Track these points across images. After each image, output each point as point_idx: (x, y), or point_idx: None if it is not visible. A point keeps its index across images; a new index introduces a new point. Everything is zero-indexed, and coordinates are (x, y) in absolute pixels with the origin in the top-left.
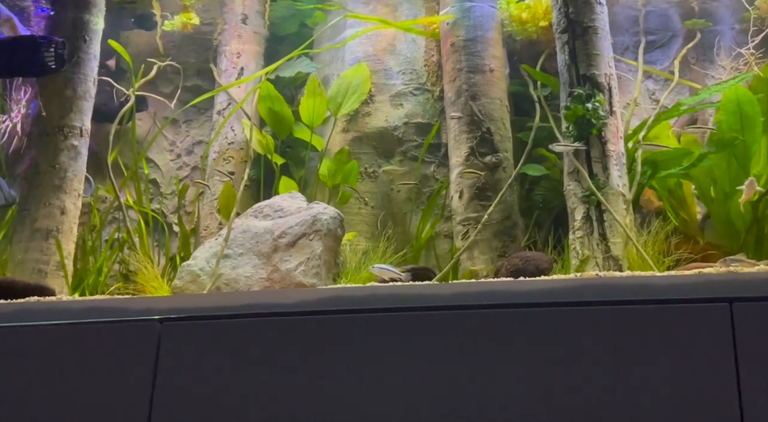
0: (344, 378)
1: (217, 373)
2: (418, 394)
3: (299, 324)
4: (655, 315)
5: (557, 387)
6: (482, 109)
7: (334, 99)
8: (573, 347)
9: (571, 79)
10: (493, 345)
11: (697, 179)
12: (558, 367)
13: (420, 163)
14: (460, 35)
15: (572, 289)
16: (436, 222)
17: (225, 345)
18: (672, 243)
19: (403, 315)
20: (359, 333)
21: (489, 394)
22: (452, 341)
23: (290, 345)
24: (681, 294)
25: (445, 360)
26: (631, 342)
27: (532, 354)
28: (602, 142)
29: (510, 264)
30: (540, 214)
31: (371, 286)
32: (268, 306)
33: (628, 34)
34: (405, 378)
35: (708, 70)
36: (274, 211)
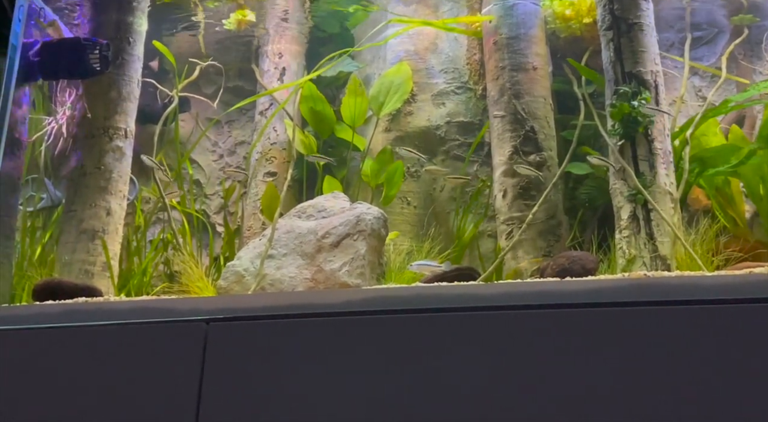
0: (390, 378)
1: (263, 374)
2: (463, 393)
3: (344, 325)
4: (706, 316)
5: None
6: (525, 107)
7: (376, 98)
8: (622, 348)
9: (616, 76)
10: (539, 345)
11: (745, 176)
12: (607, 369)
13: (467, 162)
14: (502, 33)
15: (620, 289)
16: (479, 222)
17: (271, 346)
18: (721, 242)
19: (448, 315)
20: (404, 334)
21: (532, 395)
22: (497, 342)
23: (336, 346)
24: (732, 294)
25: (489, 360)
26: (681, 343)
27: (580, 355)
28: (649, 140)
29: (556, 263)
30: (585, 213)
31: (416, 286)
32: (313, 306)
33: (673, 30)
34: (451, 379)
35: (756, 66)
36: (317, 211)
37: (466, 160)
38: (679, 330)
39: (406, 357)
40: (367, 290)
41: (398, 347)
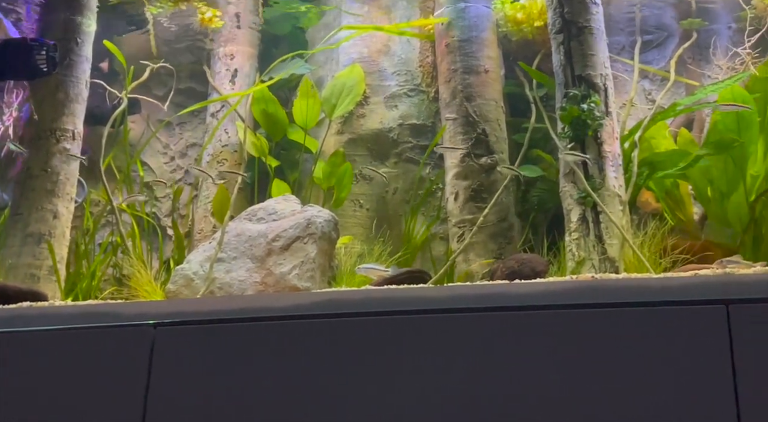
0: (339, 381)
1: (210, 378)
2: (413, 396)
3: (294, 328)
4: (651, 317)
5: (552, 389)
6: (477, 110)
7: (329, 100)
8: (568, 349)
9: (566, 79)
10: (488, 347)
11: (693, 179)
12: (554, 369)
13: (422, 166)
14: (454, 36)
15: (567, 292)
16: (431, 225)
17: (219, 350)
18: (671, 243)
19: (398, 318)
20: (354, 337)
21: (483, 396)
22: (447, 344)
23: (284, 349)
24: (677, 296)
25: (440, 362)
26: (627, 344)
27: (527, 356)
28: (598, 143)
29: (506, 266)
30: (537, 216)
31: (366, 289)
32: (262, 310)
33: (624, 33)
34: (400, 380)
35: (704, 69)
36: (268, 214)
37: (421, 164)
38: (626, 332)
39: (356, 359)
40: (316, 293)
41: (348, 350)
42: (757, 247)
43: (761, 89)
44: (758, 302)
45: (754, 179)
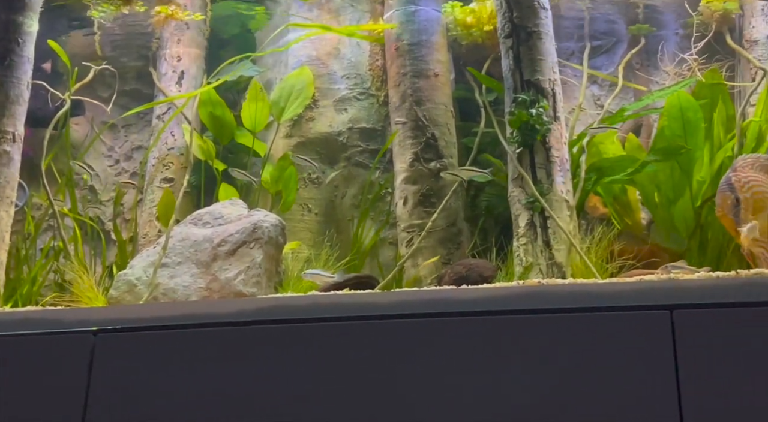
0: (284, 388)
1: (152, 386)
2: (360, 403)
3: (238, 335)
4: (597, 323)
5: (497, 394)
6: (427, 114)
7: (277, 103)
8: (515, 355)
9: (515, 84)
10: (434, 353)
11: (641, 185)
12: (500, 375)
13: (373, 169)
14: (404, 39)
15: (514, 297)
16: (380, 229)
17: (161, 358)
18: (619, 248)
19: (345, 324)
20: (300, 343)
21: (429, 402)
22: (394, 350)
23: (229, 356)
24: (622, 301)
25: (387, 368)
26: (572, 349)
27: (474, 362)
28: (546, 148)
29: (453, 271)
30: (486, 221)
31: (312, 295)
32: (206, 316)
33: (573, 39)
34: (346, 387)
35: (652, 75)
36: (214, 218)
37: (372, 168)
38: (571, 337)
39: (302, 366)
40: (261, 299)
41: (294, 357)
42: (703, 252)
43: (707, 95)
44: (701, 307)
45: (700, 184)
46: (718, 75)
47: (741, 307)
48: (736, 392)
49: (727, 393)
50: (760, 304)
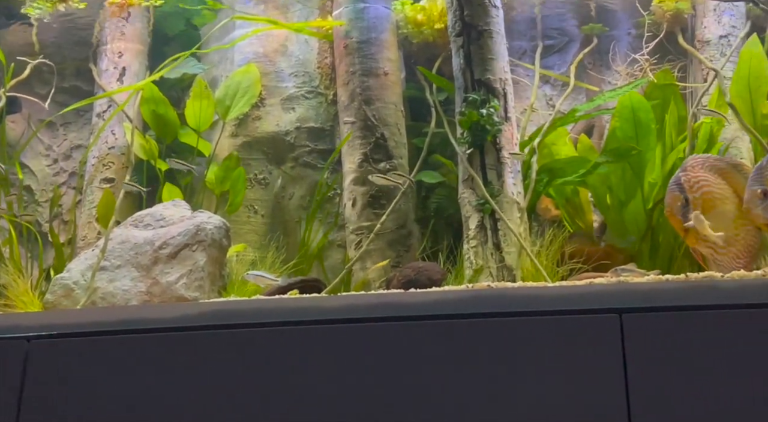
0: (228, 395)
1: (89, 395)
2: (306, 409)
3: (180, 340)
4: (546, 326)
5: (447, 398)
6: (376, 113)
7: (222, 102)
8: (464, 359)
9: (466, 83)
10: (383, 358)
11: (593, 187)
12: (449, 379)
13: (325, 170)
14: (353, 37)
15: (463, 301)
16: (328, 232)
17: (99, 365)
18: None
19: (291, 329)
20: (244, 349)
21: (378, 407)
22: (341, 355)
23: (170, 363)
24: (571, 305)
25: (334, 374)
26: (521, 353)
27: (422, 367)
28: (497, 149)
29: (402, 275)
30: (437, 223)
31: (257, 299)
32: (147, 321)
33: (525, 38)
34: (292, 393)
35: (605, 75)
36: (155, 220)
37: (324, 169)
38: (521, 341)
39: (246, 373)
40: (204, 304)
41: (238, 363)
42: (655, 255)
43: (659, 96)
44: (650, 311)
45: (652, 186)
46: (669, 75)
47: (690, 311)
48: (684, 395)
49: (676, 396)
50: (709, 308)
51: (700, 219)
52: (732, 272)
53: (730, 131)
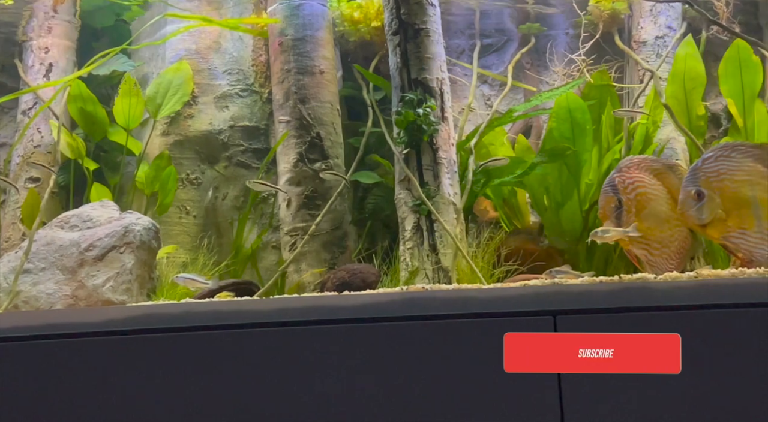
0: (156, 401)
1: (10, 402)
2: (239, 414)
3: (106, 346)
4: (481, 328)
5: (381, 400)
6: (312, 112)
7: (153, 99)
8: (398, 361)
9: (402, 83)
10: (315, 362)
11: (530, 187)
12: (382, 382)
13: (262, 170)
14: (288, 34)
15: (397, 303)
16: (263, 233)
17: (21, 371)
18: (514, 246)
19: (221, 333)
20: (173, 354)
21: (311, 411)
22: (273, 359)
23: (96, 369)
24: (506, 307)
25: (266, 378)
26: (456, 355)
27: (355, 370)
28: (433, 149)
29: (336, 277)
30: (373, 224)
31: (186, 303)
32: (72, 326)
33: (464, 36)
34: (223, 398)
35: (543, 75)
36: (82, 221)
37: (261, 169)
38: (456, 343)
39: (175, 378)
40: (131, 307)
41: (166, 368)
42: (591, 256)
43: (596, 96)
44: (584, 313)
45: (589, 187)
46: (606, 76)
47: (622, 313)
48: (616, 394)
49: (608, 396)
50: (641, 309)
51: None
52: (665, 273)
53: (665, 132)
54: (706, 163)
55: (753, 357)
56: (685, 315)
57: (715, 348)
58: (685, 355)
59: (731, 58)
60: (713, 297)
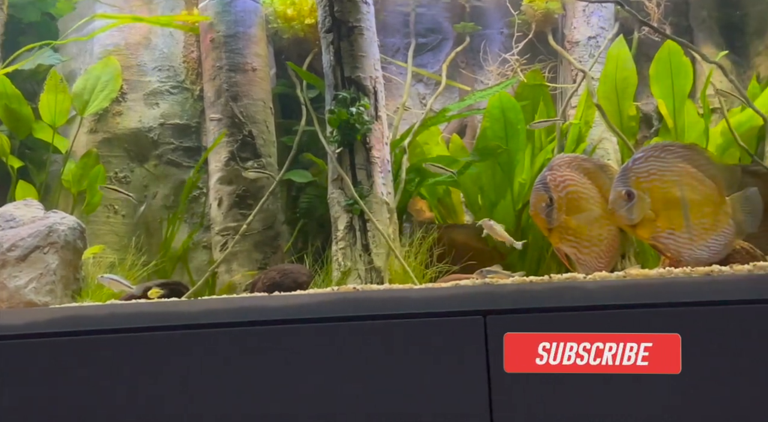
0: (76, 405)
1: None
2: (162, 418)
3: (27, 348)
4: (412, 329)
5: (310, 402)
6: (244, 110)
7: (80, 96)
8: (329, 362)
9: (336, 81)
10: (243, 363)
11: (464, 187)
12: (314, 383)
13: (197, 170)
14: (220, 31)
15: (327, 304)
16: (193, 232)
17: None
18: (461, 241)
19: (146, 335)
20: (97, 356)
21: (237, 413)
22: (201, 361)
23: (16, 371)
24: (437, 307)
25: (194, 381)
26: (387, 355)
27: (285, 371)
28: (367, 148)
29: (267, 277)
30: (307, 223)
31: (111, 304)
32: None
33: (399, 35)
34: (146, 402)
35: (478, 74)
36: (5, 220)
37: (195, 169)
38: (387, 343)
39: (99, 381)
40: (55, 309)
41: (90, 371)
42: (524, 256)
43: (529, 96)
44: (514, 313)
45: (522, 187)
46: (539, 76)
47: (552, 312)
48: (545, 394)
49: (537, 396)
50: (570, 309)
51: (489, 225)
52: (594, 273)
53: (597, 132)
54: (636, 163)
55: (695, 354)
56: (614, 314)
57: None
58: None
59: (662, 59)
60: (640, 296)
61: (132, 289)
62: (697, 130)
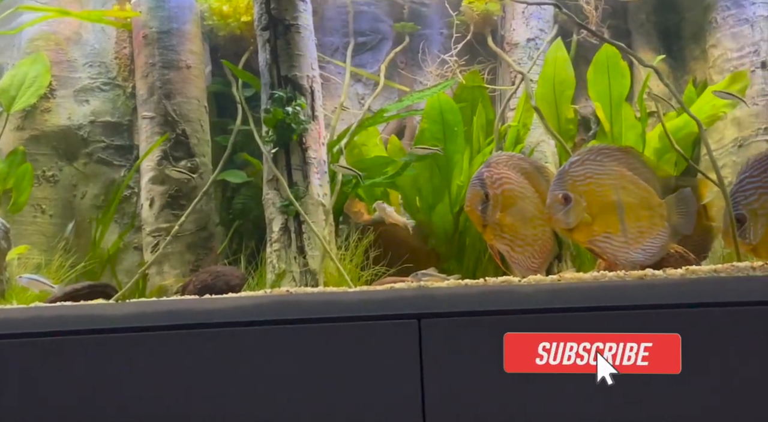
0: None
1: None
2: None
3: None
4: (346, 332)
5: (242, 407)
6: (177, 108)
7: (7, 92)
8: (261, 367)
9: (272, 80)
10: (174, 368)
11: (403, 189)
12: (244, 387)
13: (131, 175)
14: (153, 27)
15: (259, 307)
16: (124, 233)
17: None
18: (398, 245)
19: (71, 338)
20: (18, 361)
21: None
22: (129, 365)
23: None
24: (372, 310)
25: (122, 385)
26: (320, 359)
27: (214, 375)
28: (303, 149)
29: (198, 280)
30: (242, 225)
31: (36, 307)
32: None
33: (338, 34)
34: (75, 406)
35: (417, 75)
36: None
37: (132, 171)
38: (320, 347)
39: (20, 386)
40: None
41: (10, 375)
42: (461, 258)
43: (468, 98)
44: (448, 316)
45: (460, 189)
46: (478, 77)
47: (486, 316)
48: (478, 397)
49: (469, 398)
50: (504, 313)
51: (383, 207)
52: (529, 277)
53: (535, 135)
54: (572, 167)
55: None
56: (547, 317)
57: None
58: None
59: (599, 62)
60: (575, 300)
61: (53, 289)
62: (634, 134)
